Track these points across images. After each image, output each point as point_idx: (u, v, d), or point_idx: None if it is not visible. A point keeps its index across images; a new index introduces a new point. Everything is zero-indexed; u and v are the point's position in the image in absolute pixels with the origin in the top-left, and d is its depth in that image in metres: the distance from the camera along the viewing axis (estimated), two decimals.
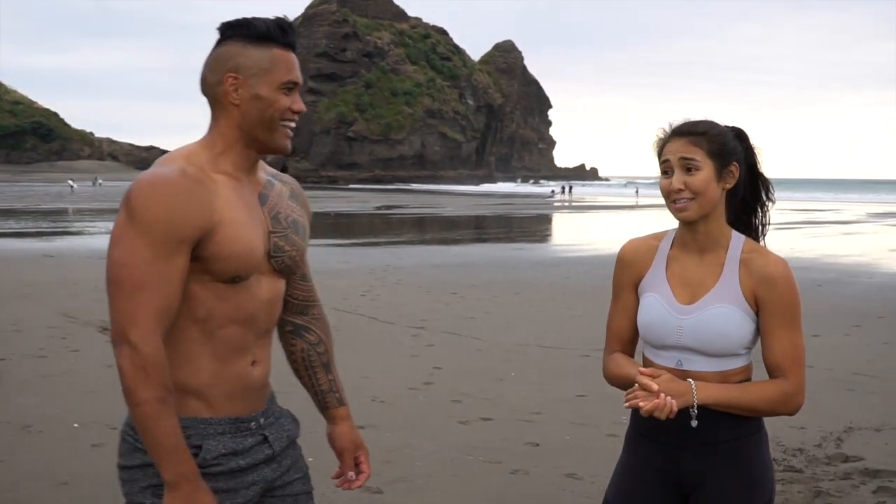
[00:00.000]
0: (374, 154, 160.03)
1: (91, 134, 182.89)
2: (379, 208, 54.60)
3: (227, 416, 2.45)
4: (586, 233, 35.26)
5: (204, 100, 2.50)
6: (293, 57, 2.48)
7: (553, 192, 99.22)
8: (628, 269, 2.89)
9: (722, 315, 2.68)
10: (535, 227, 41.32)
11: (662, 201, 2.82)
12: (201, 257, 2.34)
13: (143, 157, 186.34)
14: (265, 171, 2.62)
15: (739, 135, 2.82)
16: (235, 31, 2.44)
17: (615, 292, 2.93)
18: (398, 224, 40.18)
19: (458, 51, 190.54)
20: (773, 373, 2.73)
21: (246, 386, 2.49)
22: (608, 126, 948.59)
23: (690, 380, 2.65)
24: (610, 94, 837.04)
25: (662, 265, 2.82)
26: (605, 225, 41.86)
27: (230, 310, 2.41)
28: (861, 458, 6.30)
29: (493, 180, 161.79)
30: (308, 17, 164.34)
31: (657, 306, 2.76)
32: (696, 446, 2.72)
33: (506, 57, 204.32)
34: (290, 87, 2.45)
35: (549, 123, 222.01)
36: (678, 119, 2.79)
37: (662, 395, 2.56)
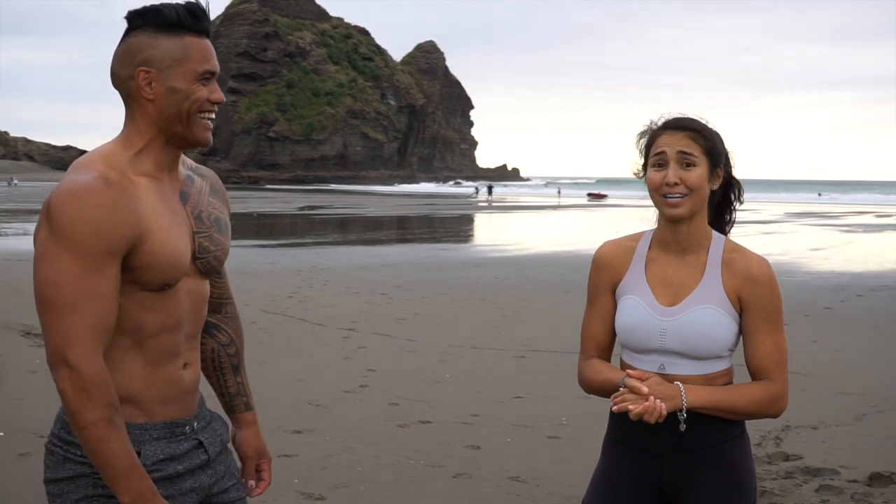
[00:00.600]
0: (295, 154, 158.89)
1: (6, 133, 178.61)
2: (302, 209, 54.14)
3: (161, 420, 2.36)
4: (510, 233, 35.29)
5: (120, 99, 2.36)
6: (208, 44, 2.35)
7: (477, 189, 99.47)
8: (605, 272, 2.79)
9: (707, 316, 2.62)
10: (458, 227, 41.29)
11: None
12: (130, 267, 2.23)
13: (60, 157, 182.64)
14: (184, 164, 2.50)
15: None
16: (144, 20, 2.29)
17: (591, 296, 2.83)
18: (322, 225, 39.86)
19: (380, 51, 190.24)
20: (756, 375, 2.66)
21: (179, 390, 2.40)
22: (529, 127, 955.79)
23: (678, 382, 2.58)
24: (531, 95, 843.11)
25: (641, 267, 2.74)
26: (529, 225, 41.99)
27: (159, 317, 2.31)
28: (801, 456, 6.33)
29: (415, 181, 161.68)
30: (228, 16, 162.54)
31: (638, 309, 2.68)
32: (679, 452, 2.64)
33: (427, 57, 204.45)
34: (207, 77, 2.33)
35: (470, 124, 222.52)
36: (669, 113, 2.72)
37: (652, 397, 2.48)
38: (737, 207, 2.88)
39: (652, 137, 2.70)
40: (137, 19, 2.30)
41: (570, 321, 12.20)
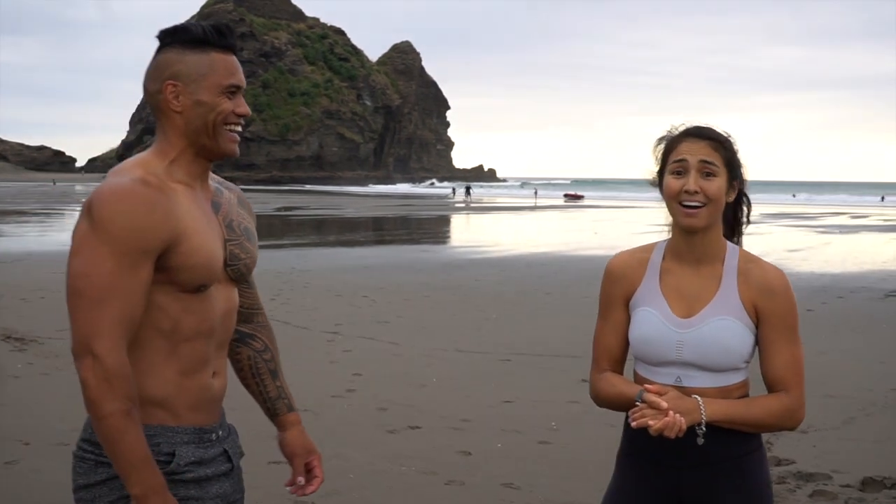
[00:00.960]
0: (271, 155, 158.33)
1: None
2: (279, 209, 53.91)
3: (190, 425, 2.43)
4: (489, 234, 35.30)
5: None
6: (234, 60, 2.45)
7: (454, 190, 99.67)
8: (618, 284, 2.75)
9: (724, 327, 2.58)
10: (437, 228, 41.28)
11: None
12: (166, 268, 2.30)
13: (34, 157, 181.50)
14: (212, 178, 2.59)
15: None
16: (173, 38, 2.42)
17: (603, 308, 2.79)
18: (300, 226, 39.70)
19: (356, 51, 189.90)
20: (773, 386, 2.64)
21: (207, 397, 2.47)
22: (505, 127, 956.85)
23: (696, 396, 2.55)
24: (507, 95, 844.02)
25: (655, 278, 2.69)
26: (507, 227, 41.99)
27: (195, 321, 2.38)
28: (792, 461, 6.33)
29: (391, 181, 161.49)
30: (204, 16, 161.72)
31: (653, 321, 2.63)
32: (697, 465, 2.61)
33: (404, 58, 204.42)
34: (232, 90, 2.43)
35: (447, 124, 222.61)
36: (690, 121, 2.68)
37: (671, 412, 2.46)
38: (745, 223, 2.83)
39: (671, 144, 2.65)
40: (167, 37, 2.42)
41: (553, 325, 12.23)
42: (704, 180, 2.57)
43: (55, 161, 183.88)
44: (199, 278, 2.35)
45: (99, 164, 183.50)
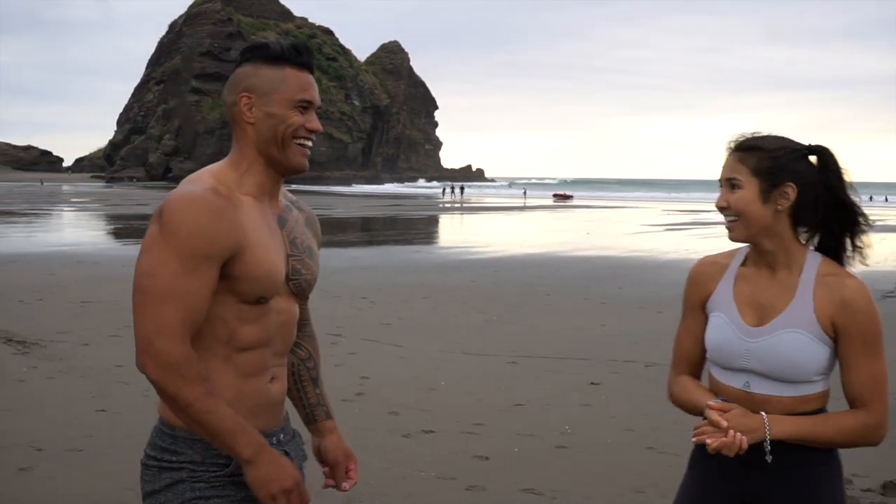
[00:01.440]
0: None
1: None
2: None
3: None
4: (481, 235, 35.21)
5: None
6: (308, 77, 2.51)
7: (444, 190, 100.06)
8: (696, 289, 2.77)
9: (792, 341, 2.54)
10: (428, 228, 41.25)
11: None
12: (229, 276, 2.35)
13: (21, 157, 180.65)
14: (285, 196, 2.65)
15: (819, 154, 2.64)
16: (253, 54, 2.50)
17: (684, 312, 2.82)
18: None
19: (344, 51, 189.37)
20: (853, 403, 2.60)
21: (266, 402, 2.50)
22: (494, 127, 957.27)
23: (763, 413, 2.53)
24: (494, 95, 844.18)
25: (730, 284, 2.69)
26: (499, 227, 41.94)
27: (252, 332, 2.42)
28: None
29: (380, 181, 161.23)
30: (192, 15, 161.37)
31: (724, 327, 2.63)
32: (764, 469, 2.58)
33: (392, 58, 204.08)
34: (303, 105, 2.47)
35: (435, 124, 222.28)
36: (743, 133, 2.66)
37: (731, 431, 2.46)
38: (856, 239, 2.66)
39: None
40: (248, 53, 2.52)
41: (556, 327, 12.20)
42: (731, 194, 2.59)
43: (42, 161, 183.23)
44: (259, 290, 2.39)
45: (86, 164, 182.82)
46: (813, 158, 2.63)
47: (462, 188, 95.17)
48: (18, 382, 8.37)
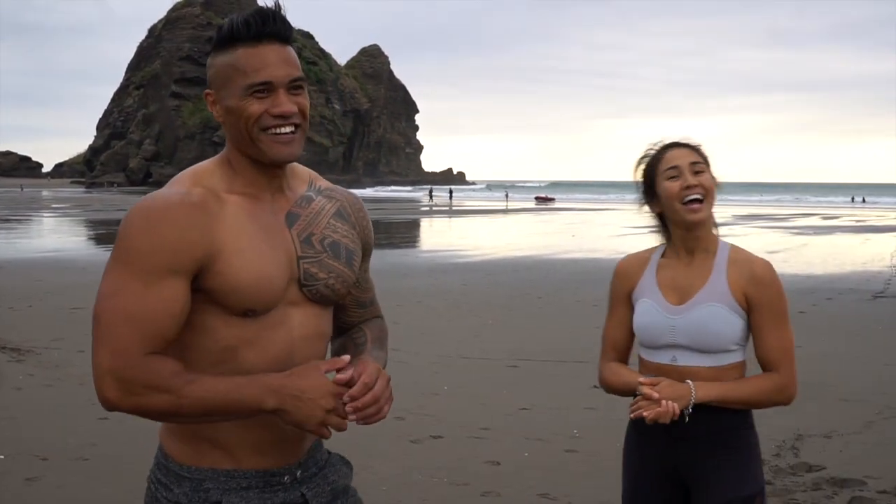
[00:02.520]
0: None
1: None
2: None
3: (252, 468, 2.18)
4: (469, 238, 35.14)
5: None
6: (264, 51, 2.10)
7: (432, 193, 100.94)
8: (622, 282, 3.07)
9: (710, 313, 2.85)
10: (414, 232, 41.17)
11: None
12: (204, 289, 2.09)
13: (0, 163, 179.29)
14: (313, 185, 2.33)
15: None
16: (213, 42, 2.17)
17: (610, 305, 3.12)
18: None
19: (325, 55, 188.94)
20: (765, 367, 2.91)
21: (275, 437, 2.19)
22: (474, 131, 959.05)
23: (689, 381, 2.82)
24: (475, 98, 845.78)
25: (653, 273, 3.00)
26: (485, 230, 41.91)
27: (257, 350, 2.13)
28: (823, 466, 6.28)
29: (361, 185, 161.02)
30: (171, 20, 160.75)
31: (650, 309, 2.94)
32: (689, 439, 2.88)
33: (372, 61, 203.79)
34: (258, 89, 2.10)
35: (416, 128, 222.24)
36: (664, 138, 3.03)
37: (664, 401, 2.75)
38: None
39: (657, 158, 2.98)
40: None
41: (552, 330, 12.17)
42: (698, 177, 2.90)
43: (21, 167, 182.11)
44: (243, 301, 2.10)
45: (66, 170, 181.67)
46: None
47: (451, 192, 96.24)
48: (16, 391, 8.28)
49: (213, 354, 2.12)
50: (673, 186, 2.89)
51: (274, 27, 2.11)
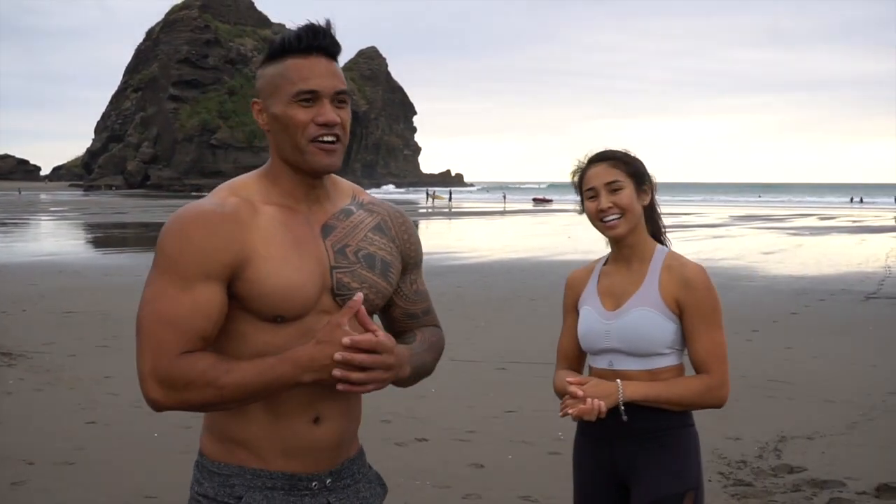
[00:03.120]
0: (238, 162, 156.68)
1: None
2: None
3: (280, 470, 2.24)
4: (465, 240, 35.18)
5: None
6: (314, 63, 2.22)
7: (428, 194, 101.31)
8: (570, 293, 3.20)
9: (641, 317, 2.94)
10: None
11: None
12: (237, 295, 2.18)
13: None
14: (356, 199, 2.40)
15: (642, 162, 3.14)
16: (264, 55, 2.30)
17: (563, 315, 3.22)
18: None
19: None
20: (698, 370, 2.98)
21: (305, 445, 2.26)
22: (471, 132, 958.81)
23: (618, 380, 2.91)
24: (472, 99, 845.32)
25: (595, 282, 3.12)
26: (481, 232, 41.93)
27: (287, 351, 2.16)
28: (804, 468, 6.33)
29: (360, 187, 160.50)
30: (169, 22, 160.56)
31: (588, 316, 3.05)
32: (624, 438, 2.96)
33: (370, 63, 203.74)
34: (304, 97, 2.20)
35: (414, 130, 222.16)
36: (593, 149, 3.11)
37: (588, 399, 2.83)
38: (661, 214, 3.22)
39: (582, 175, 3.08)
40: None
41: (543, 332, 12.15)
42: (613, 195, 2.99)
43: (19, 170, 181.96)
44: (272, 306, 2.17)
45: (64, 173, 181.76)
46: None
47: (450, 193, 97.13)
48: (6, 395, 8.31)
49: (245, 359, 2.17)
50: (591, 207, 3.03)
51: (323, 41, 2.25)
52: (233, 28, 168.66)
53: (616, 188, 2.97)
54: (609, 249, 3.17)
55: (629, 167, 3.02)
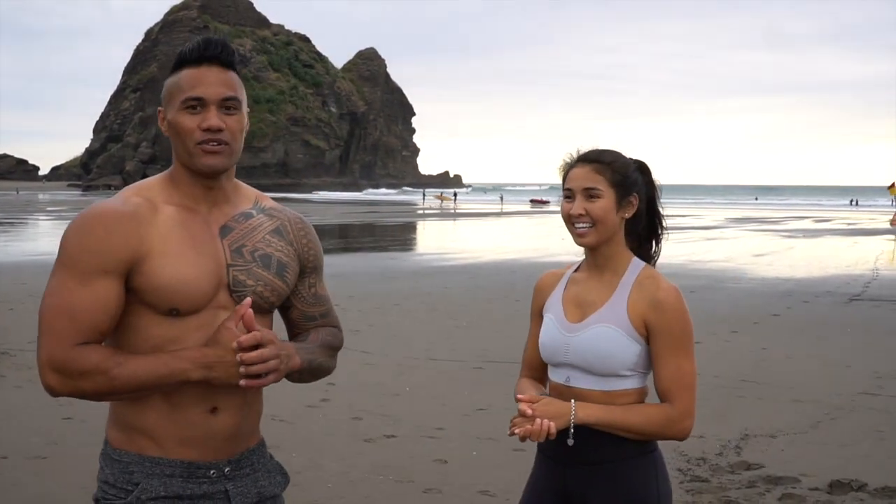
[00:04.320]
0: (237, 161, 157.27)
1: None
2: None
3: (178, 458, 2.36)
4: (458, 241, 35.32)
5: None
6: (204, 72, 2.36)
7: (441, 194, 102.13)
8: (537, 297, 3.01)
9: (603, 335, 2.74)
10: (405, 235, 41.28)
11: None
12: (134, 288, 2.31)
13: None
14: (257, 204, 2.55)
15: (641, 168, 2.90)
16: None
17: (530, 320, 3.04)
18: None
19: (321, 58, 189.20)
20: (662, 398, 2.76)
21: (203, 434, 2.38)
22: (470, 133, 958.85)
23: (573, 400, 2.71)
24: (471, 101, 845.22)
25: (562, 288, 2.92)
26: (476, 233, 42.04)
27: (181, 348, 2.31)
28: (762, 465, 6.45)
29: (357, 188, 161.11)
30: (168, 23, 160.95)
31: (550, 325, 2.86)
32: (577, 465, 2.77)
33: (369, 64, 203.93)
34: (191, 104, 2.35)
35: (412, 131, 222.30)
36: (586, 146, 2.90)
37: (537, 419, 2.62)
38: (662, 239, 3.00)
39: (566, 171, 2.88)
40: None
41: (523, 331, 12.23)
42: (588, 203, 2.78)
43: (18, 169, 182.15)
44: (166, 300, 2.29)
45: (62, 173, 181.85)
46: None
47: (455, 194, 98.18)
48: None
49: (143, 353, 2.30)
50: (565, 208, 2.83)
51: (215, 51, 2.38)
52: (232, 29, 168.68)
53: (593, 195, 2.77)
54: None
55: (614, 175, 2.79)
